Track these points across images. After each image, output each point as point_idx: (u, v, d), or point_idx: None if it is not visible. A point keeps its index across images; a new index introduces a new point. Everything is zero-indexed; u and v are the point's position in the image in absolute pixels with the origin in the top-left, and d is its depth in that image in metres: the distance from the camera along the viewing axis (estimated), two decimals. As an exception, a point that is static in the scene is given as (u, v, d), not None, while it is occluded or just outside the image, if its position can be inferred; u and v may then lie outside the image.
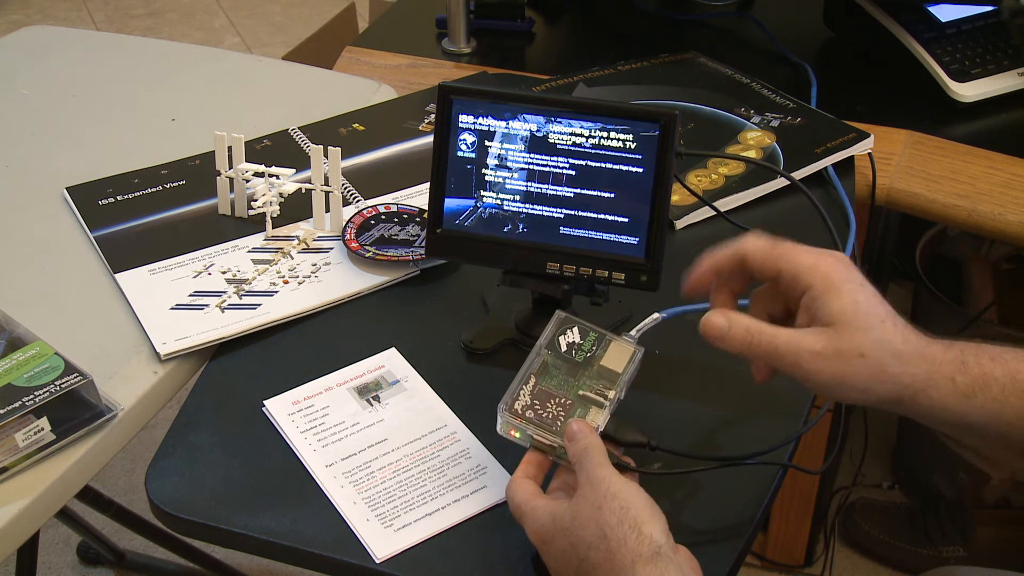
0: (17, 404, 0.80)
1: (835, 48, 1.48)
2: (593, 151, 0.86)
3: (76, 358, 0.85)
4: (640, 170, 0.85)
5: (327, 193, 1.04)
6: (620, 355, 0.81)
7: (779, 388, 0.88)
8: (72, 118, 1.23)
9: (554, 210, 0.88)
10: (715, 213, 1.06)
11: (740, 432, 0.85)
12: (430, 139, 1.14)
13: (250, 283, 0.98)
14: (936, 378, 0.69)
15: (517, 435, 0.78)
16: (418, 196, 1.10)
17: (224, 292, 0.97)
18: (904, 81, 1.36)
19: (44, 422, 0.81)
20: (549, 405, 0.78)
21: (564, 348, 0.81)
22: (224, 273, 1.00)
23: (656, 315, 0.86)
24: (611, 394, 0.78)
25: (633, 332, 0.86)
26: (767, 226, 1.04)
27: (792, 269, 0.73)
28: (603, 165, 0.86)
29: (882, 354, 0.69)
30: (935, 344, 0.71)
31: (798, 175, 1.11)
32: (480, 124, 0.88)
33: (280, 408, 0.87)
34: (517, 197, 0.89)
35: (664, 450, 0.78)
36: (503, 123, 0.88)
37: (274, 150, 1.16)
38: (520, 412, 0.77)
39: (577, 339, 0.82)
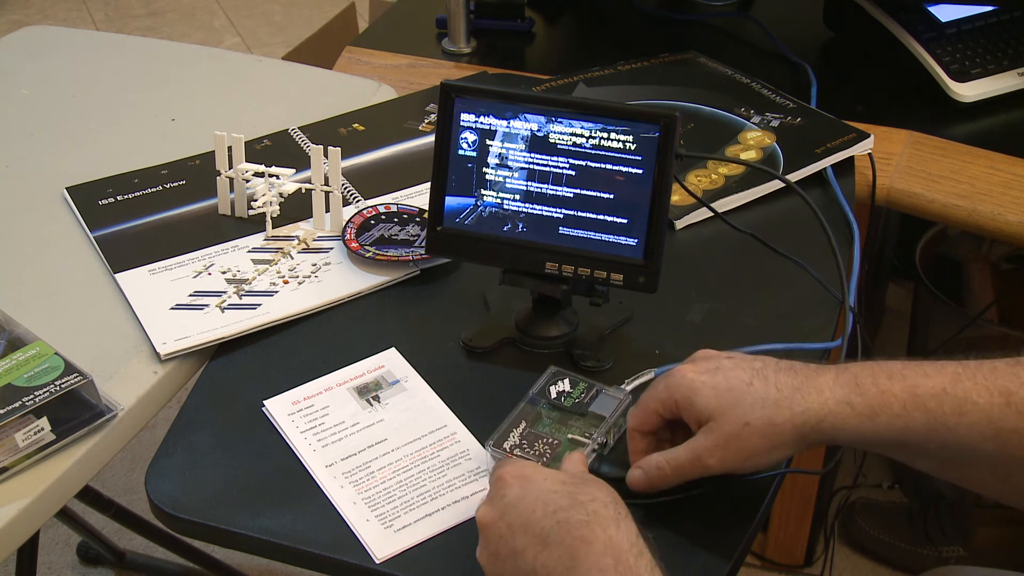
0: (17, 404, 0.80)
1: (835, 48, 1.48)
2: (593, 151, 0.86)
3: (76, 358, 0.85)
4: (640, 171, 0.85)
5: (327, 193, 1.04)
6: (609, 403, 0.83)
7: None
8: (72, 118, 1.23)
9: (554, 210, 0.88)
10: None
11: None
12: (430, 139, 1.15)
13: (250, 283, 0.98)
14: (831, 405, 0.71)
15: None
16: (418, 196, 1.10)
17: (224, 292, 0.97)
18: (904, 81, 1.36)
19: (44, 422, 0.81)
20: (537, 444, 0.80)
21: (554, 396, 0.84)
22: (224, 273, 0.99)
23: (650, 372, 0.87)
24: (595, 432, 0.81)
25: (624, 385, 0.86)
26: (767, 227, 1.04)
27: (660, 405, 0.77)
28: (603, 166, 0.86)
29: (763, 412, 0.72)
30: (824, 373, 0.73)
31: (798, 175, 1.11)
32: (481, 123, 0.88)
33: (280, 408, 0.87)
34: (517, 196, 0.89)
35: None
36: (504, 122, 0.88)
37: (274, 150, 1.16)
38: (509, 450, 0.80)
39: (567, 388, 0.84)
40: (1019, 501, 0.74)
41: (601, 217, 0.87)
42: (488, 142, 0.88)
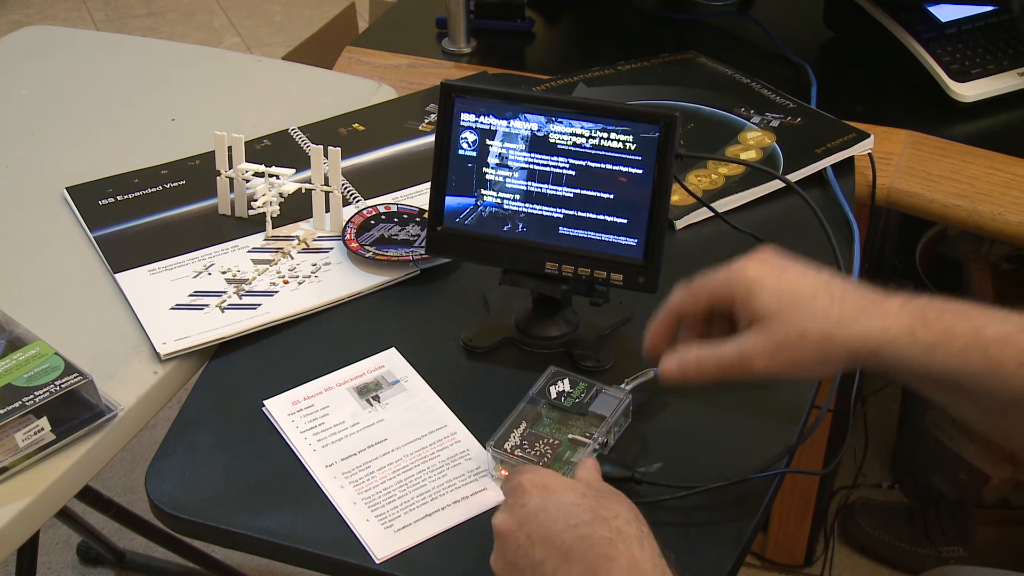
0: (17, 404, 0.80)
1: (835, 48, 1.48)
2: (593, 151, 0.86)
3: (76, 358, 0.85)
4: (640, 171, 0.85)
5: (327, 193, 1.04)
6: (609, 402, 0.83)
7: (779, 391, 0.88)
8: (72, 118, 1.23)
9: (554, 210, 0.88)
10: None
11: (740, 438, 0.85)
12: (430, 139, 1.15)
13: (250, 283, 0.98)
14: (893, 332, 0.70)
15: (508, 475, 0.80)
16: (418, 196, 1.10)
17: (224, 292, 0.97)
18: (904, 81, 1.36)
19: (44, 422, 0.81)
20: (538, 445, 0.80)
21: (554, 396, 0.84)
22: (224, 273, 0.99)
23: (650, 372, 0.87)
24: (595, 432, 0.81)
25: (624, 384, 0.86)
26: (767, 226, 1.04)
27: (714, 292, 0.75)
28: (603, 166, 0.86)
29: (823, 326, 0.70)
30: (891, 300, 0.72)
31: (798, 175, 1.11)
32: (482, 123, 0.88)
33: (280, 408, 0.87)
34: (517, 196, 0.89)
35: (649, 482, 0.78)
36: (504, 122, 0.88)
37: (274, 150, 1.16)
38: (510, 450, 0.80)
39: (567, 388, 0.83)
40: None
41: (601, 217, 0.87)
42: (488, 142, 0.88)
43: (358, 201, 1.09)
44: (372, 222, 1.04)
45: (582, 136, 0.86)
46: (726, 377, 0.74)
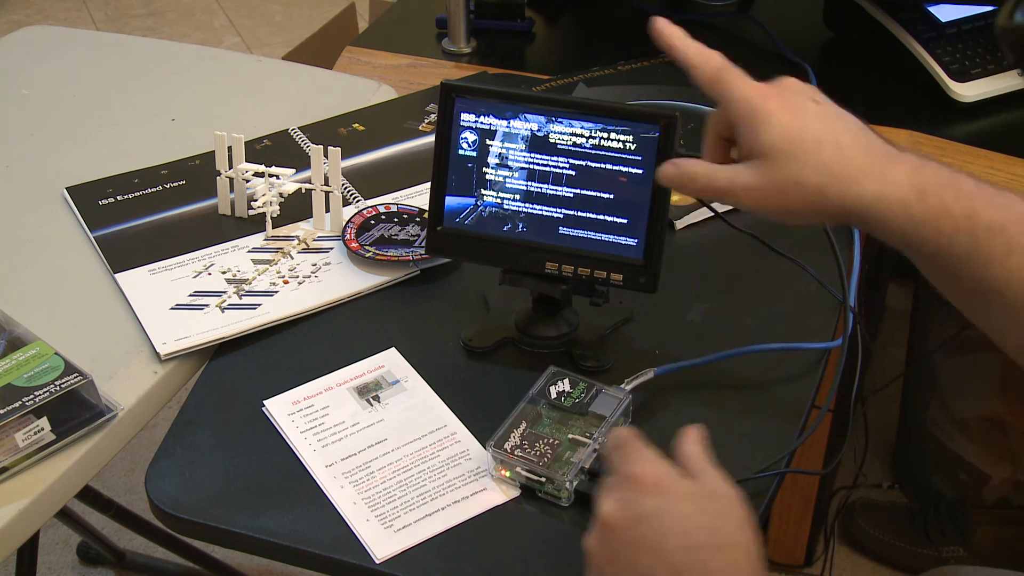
0: (17, 404, 0.80)
1: (835, 48, 1.48)
2: (593, 152, 0.86)
3: (76, 358, 0.85)
4: (640, 171, 0.85)
5: (327, 193, 1.04)
6: (609, 402, 0.83)
7: (778, 391, 0.88)
8: (72, 118, 1.23)
9: (554, 210, 0.88)
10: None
11: (740, 438, 0.85)
12: (430, 139, 1.15)
13: (250, 283, 0.98)
14: (887, 198, 0.69)
15: (508, 475, 0.81)
16: (418, 196, 1.10)
17: (224, 292, 0.97)
18: (904, 81, 1.36)
19: (44, 422, 0.81)
20: (538, 445, 0.80)
21: (554, 396, 0.83)
22: (224, 273, 1.00)
23: (650, 372, 0.87)
24: (595, 432, 0.80)
25: (624, 384, 0.86)
26: (767, 226, 1.04)
27: (726, 100, 0.73)
28: (603, 166, 0.86)
29: (820, 179, 0.69)
30: (899, 163, 0.70)
31: (798, 175, 1.11)
32: (482, 123, 0.88)
33: (280, 408, 0.87)
34: (517, 196, 0.89)
35: None
36: (504, 122, 0.88)
37: (274, 150, 1.16)
38: (510, 450, 0.79)
39: (567, 388, 0.83)
40: (1018, 356, 0.71)
41: (601, 217, 0.87)
42: (488, 142, 0.88)
43: (358, 201, 1.09)
44: (372, 222, 1.04)
45: (582, 136, 0.86)
46: (713, 197, 0.74)
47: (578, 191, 0.87)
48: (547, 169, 0.88)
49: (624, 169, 0.86)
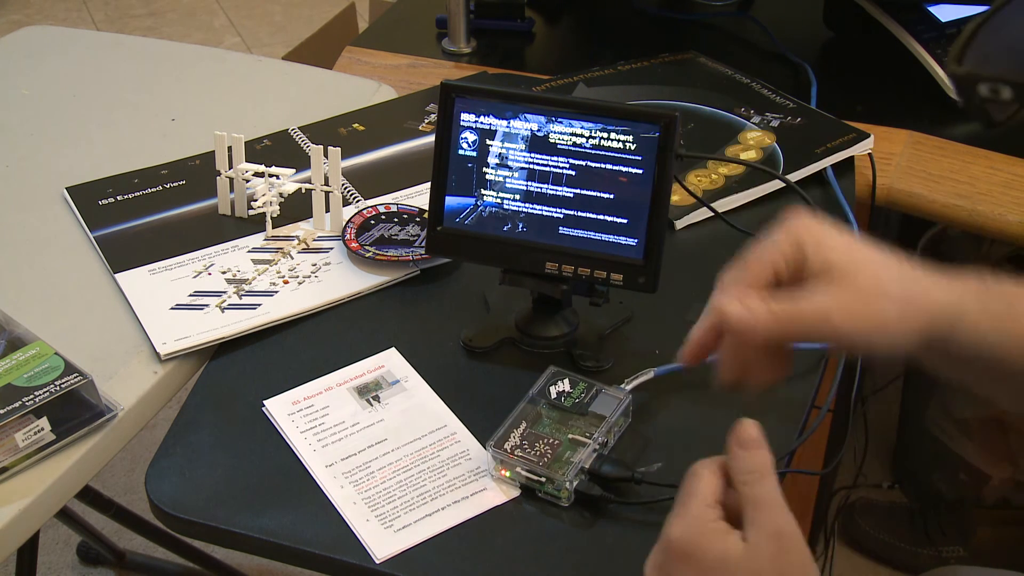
0: (17, 404, 0.80)
1: (835, 48, 1.48)
2: (593, 151, 0.86)
3: (76, 358, 0.85)
4: (640, 171, 0.85)
5: (327, 193, 1.04)
6: (609, 402, 0.83)
7: (778, 391, 0.88)
8: (72, 118, 1.23)
9: (554, 210, 0.88)
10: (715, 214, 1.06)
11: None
12: (430, 139, 1.15)
13: (250, 283, 0.98)
14: (967, 300, 0.65)
15: (508, 475, 0.81)
16: (418, 196, 1.10)
17: (224, 292, 0.97)
18: (904, 81, 1.36)
19: (44, 422, 0.81)
20: (538, 445, 0.80)
21: (554, 396, 0.84)
22: (224, 273, 1.00)
23: (650, 372, 0.87)
24: (595, 432, 0.80)
25: (624, 384, 0.86)
26: (767, 226, 1.04)
27: (783, 256, 0.67)
28: (603, 166, 0.86)
29: (904, 285, 0.65)
30: (951, 274, 0.66)
31: (798, 175, 1.11)
32: (482, 123, 0.88)
33: (280, 408, 0.87)
34: (517, 196, 0.89)
35: (649, 482, 0.79)
36: (504, 122, 0.88)
37: (274, 150, 1.16)
38: (510, 450, 0.80)
39: (567, 388, 0.83)
40: None
41: (601, 217, 0.87)
42: (488, 142, 0.88)
43: (358, 201, 1.09)
44: (372, 222, 1.04)
45: (582, 136, 0.86)
46: (797, 335, 0.65)
47: (578, 191, 0.87)
48: (547, 169, 0.88)
49: (624, 169, 0.86)
